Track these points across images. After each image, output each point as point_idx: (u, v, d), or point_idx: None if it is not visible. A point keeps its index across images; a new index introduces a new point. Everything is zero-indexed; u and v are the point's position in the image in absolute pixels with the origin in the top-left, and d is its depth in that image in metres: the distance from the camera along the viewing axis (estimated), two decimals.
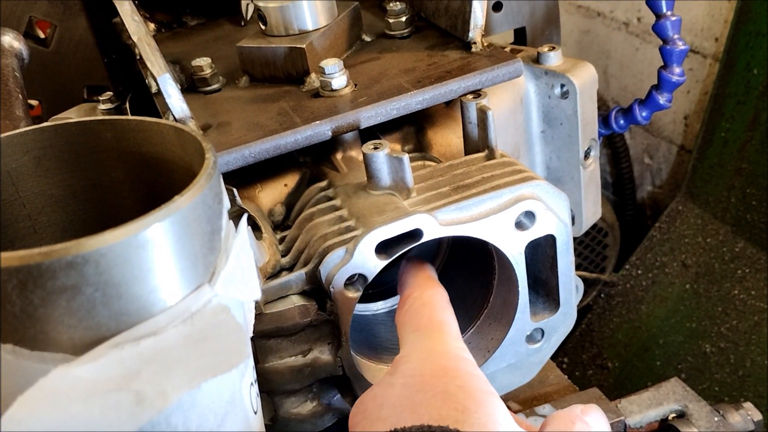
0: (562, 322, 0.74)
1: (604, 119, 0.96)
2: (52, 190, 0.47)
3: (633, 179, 1.96)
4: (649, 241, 1.75)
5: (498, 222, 0.67)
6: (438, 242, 0.81)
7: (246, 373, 0.44)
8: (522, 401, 0.99)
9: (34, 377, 0.35)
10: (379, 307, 0.82)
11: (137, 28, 0.71)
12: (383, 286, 0.82)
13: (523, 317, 0.72)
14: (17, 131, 0.46)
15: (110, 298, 0.35)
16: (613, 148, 1.93)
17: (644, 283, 1.72)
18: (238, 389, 0.43)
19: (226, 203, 0.43)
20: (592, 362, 1.72)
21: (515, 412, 0.96)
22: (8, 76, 0.68)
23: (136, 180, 0.47)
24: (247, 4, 0.96)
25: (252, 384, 0.46)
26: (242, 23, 0.96)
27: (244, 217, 0.43)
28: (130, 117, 0.46)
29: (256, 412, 0.46)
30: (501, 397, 0.88)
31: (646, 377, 1.60)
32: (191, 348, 0.37)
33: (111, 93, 0.84)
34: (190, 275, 0.39)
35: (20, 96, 0.67)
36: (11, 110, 0.63)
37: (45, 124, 0.47)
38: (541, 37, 1.20)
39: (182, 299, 0.38)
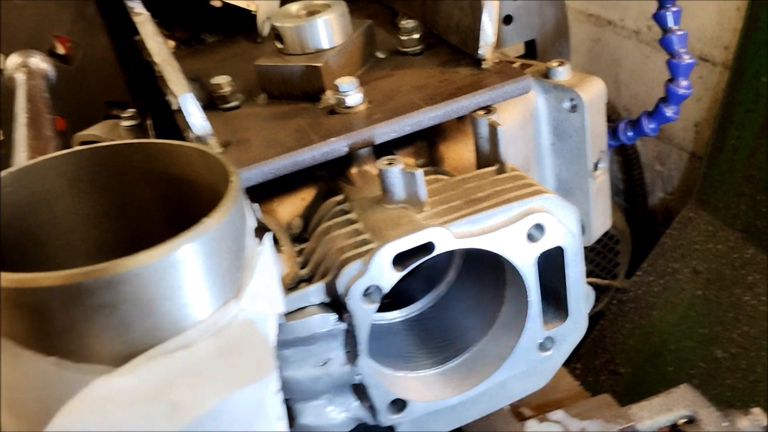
0: (573, 330, 0.76)
1: (612, 131, 0.98)
2: (84, 210, 0.50)
3: (644, 186, 1.98)
4: (661, 248, 1.76)
5: (509, 234, 0.69)
6: (451, 253, 0.83)
7: (271, 382, 0.47)
8: (534, 407, 1.01)
9: (76, 387, 0.37)
10: (395, 316, 0.84)
11: (159, 50, 0.74)
12: (398, 296, 0.84)
13: (535, 326, 0.74)
14: (53, 155, 0.48)
15: (145, 314, 0.38)
16: (625, 155, 1.95)
17: (656, 289, 1.73)
18: (263, 398, 0.46)
19: (251, 222, 0.45)
20: (604, 368, 1.74)
21: (527, 418, 0.98)
22: (37, 98, 0.71)
23: (163, 199, 0.50)
24: (263, 22, 0.99)
25: (276, 392, 0.48)
26: (258, 40, 0.99)
27: (268, 234, 0.46)
28: (157, 141, 0.49)
29: (281, 420, 0.48)
30: (514, 403, 0.91)
31: (658, 383, 1.61)
32: (221, 360, 0.39)
33: (133, 110, 0.87)
34: (218, 292, 0.41)
35: (48, 116, 0.70)
36: (41, 131, 0.66)
37: (78, 148, 0.49)
38: (551, 49, 1.23)
39: (211, 314, 0.40)
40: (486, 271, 0.79)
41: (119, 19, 1.00)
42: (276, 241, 0.71)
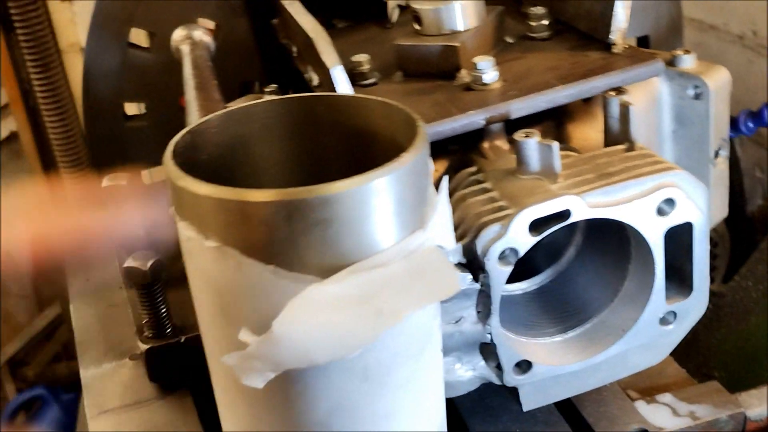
0: (695, 306, 0.79)
1: (732, 122, 0.99)
2: (274, 154, 0.55)
3: (743, 192, 1.95)
4: (760, 254, 1.74)
5: (640, 207, 0.72)
6: (573, 230, 0.86)
7: (438, 313, 0.52)
8: (641, 390, 1.03)
9: (291, 294, 0.43)
10: (516, 288, 0.88)
11: (313, 25, 0.80)
12: (519, 268, 0.88)
13: (658, 300, 0.77)
14: (249, 103, 0.54)
15: (353, 232, 0.43)
16: None
17: (754, 295, 1.71)
18: (433, 325, 0.50)
19: (431, 165, 0.50)
20: (697, 371, 1.72)
21: (634, 400, 1.00)
22: (203, 66, 0.78)
23: (344, 148, 0.55)
24: (393, 8, 1.04)
25: (439, 326, 0.53)
26: (387, 26, 1.04)
27: (445, 178, 0.51)
28: (342, 94, 0.54)
29: (445, 346, 0.53)
30: (621, 381, 0.92)
31: (754, 388, 1.59)
32: (413, 278, 0.44)
33: (275, 85, 0.94)
34: (409, 220, 0.46)
35: (214, 81, 0.77)
36: (210, 94, 0.73)
37: (271, 98, 0.55)
38: (664, 46, 1.24)
39: (402, 240, 0.45)
40: (608, 246, 0.82)
41: (261, 2, 1.08)
42: None
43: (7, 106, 2.90)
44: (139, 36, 1.10)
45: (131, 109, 1.15)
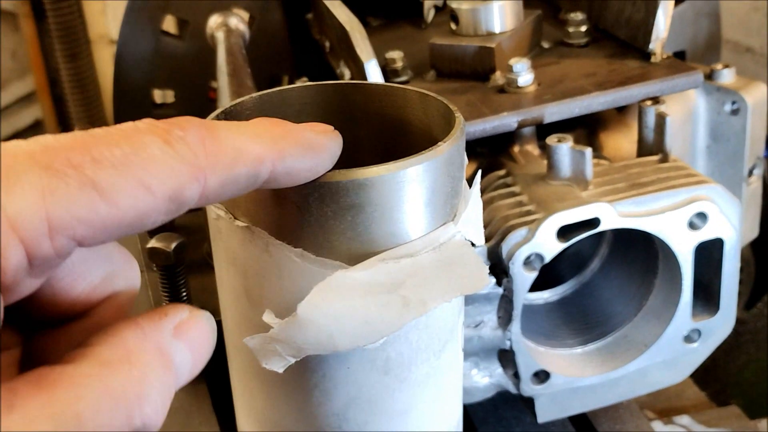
0: (721, 325, 0.77)
1: None
2: None
3: None
4: None
5: (671, 219, 0.70)
6: (598, 241, 0.85)
7: (461, 311, 0.50)
8: (659, 410, 1.01)
9: (317, 279, 0.42)
10: (537, 297, 0.86)
11: (349, 18, 0.79)
12: (542, 278, 0.86)
13: (683, 316, 0.75)
14: (284, 87, 0.53)
15: (384, 219, 0.42)
16: None
17: None
18: (457, 322, 0.49)
19: (465, 159, 0.49)
20: (714, 398, 1.69)
21: (651, 420, 0.98)
22: (237, 53, 0.78)
23: (377, 138, 0.54)
24: (429, 9, 1.04)
25: (461, 325, 0.52)
26: (422, 26, 1.04)
27: (478, 173, 0.49)
28: (378, 83, 0.53)
29: (463, 351, 0.52)
30: (638, 401, 0.91)
31: None
32: (441, 270, 0.43)
33: (306, 78, 0.93)
34: (440, 212, 0.45)
35: (247, 69, 0.76)
36: (243, 80, 0.72)
37: (306, 83, 0.55)
38: (701, 62, 1.22)
39: (433, 230, 0.44)
40: (634, 259, 0.80)
41: None
42: None
43: (34, 93, 2.93)
44: (172, 24, 1.10)
45: (159, 97, 1.15)
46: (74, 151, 0.31)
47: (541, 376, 0.75)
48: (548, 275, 0.87)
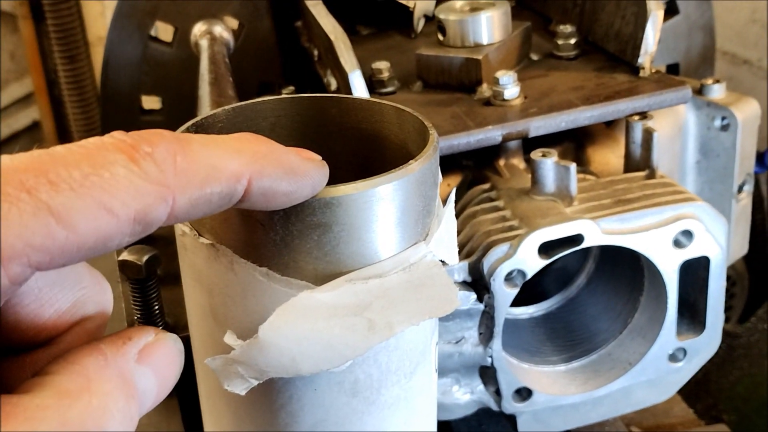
0: (707, 344, 0.76)
1: (759, 156, 0.96)
2: None
3: (765, 232, 1.91)
4: None
5: (656, 237, 0.69)
6: (585, 257, 0.84)
7: (435, 331, 0.49)
8: (645, 428, 1.00)
9: (282, 299, 0.40)
10: (522, 312, 0.85)
11: (334, 28, 0.78)
12: (526, 293, 0.85)
13: (668, 335, 0.74)
14: (259, 100, 0.52)
15: (352, 239, 0.41)
16: None
17: None
18: (429, 343, 0.48)
19: (439, 176, 0.48)
20: (706, 413, 1.68)
21: None
22: (220, 62, 0.77)
23: (353, 152, 0.53)
24: (419, 19, 1.03)
25: (436, 345, 0.51)
26: (412, 36, 1.03)
27: (453, 190, 0.48)
28: (354, 96, 0.52)
29: (437, 372, 0.50)
30: (625, 417, 0.90)
31: None
32: (410, 291, 0.42)
33: (293, 87, 0.92)
34: (411, 231, 0.44)
35: (230, 79, 0.75)
36: (224, 90, 0.71)
37: (282, 96, 0.54)
38: (694, 75, 1.21)
39: (403, 251, 0.43)
40: (621, 276, 0.79)
41: (285, 3, 1.06)
42: None
43: (32, 95, 2.93)
44: (161, 30, 1.09)
45: (148, 103, 1.14)
46: (29, 173, 0.29)
47: (523, 393, 0.74)
48: (534, 290, 0.86)
